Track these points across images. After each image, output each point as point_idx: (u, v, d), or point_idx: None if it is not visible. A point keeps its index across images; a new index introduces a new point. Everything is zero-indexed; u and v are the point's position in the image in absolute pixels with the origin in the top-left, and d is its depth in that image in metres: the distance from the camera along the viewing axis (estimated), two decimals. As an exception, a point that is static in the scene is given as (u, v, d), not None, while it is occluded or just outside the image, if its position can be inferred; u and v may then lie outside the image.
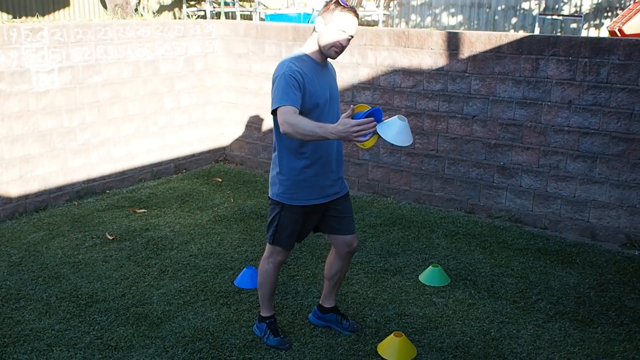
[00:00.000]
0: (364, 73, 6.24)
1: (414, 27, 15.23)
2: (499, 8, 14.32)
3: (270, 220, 3.46)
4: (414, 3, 15.40)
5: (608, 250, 5.08)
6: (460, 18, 14.86)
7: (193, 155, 7.28)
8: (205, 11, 14.48)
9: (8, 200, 5.59)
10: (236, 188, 6.57)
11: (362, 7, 15.07)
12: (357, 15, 3.20)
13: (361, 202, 6.14)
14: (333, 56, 3.24)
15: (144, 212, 5.78)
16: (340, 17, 3.13)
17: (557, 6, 13.72)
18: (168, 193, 6.34)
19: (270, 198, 3.46)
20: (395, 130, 2.99)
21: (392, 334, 3.59)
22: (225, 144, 7.63)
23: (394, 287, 4.39)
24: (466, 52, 5.62)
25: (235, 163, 7.58)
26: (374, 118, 2.99)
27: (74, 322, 3.87)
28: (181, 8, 15.09)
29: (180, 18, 15.08)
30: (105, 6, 13.11)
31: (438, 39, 5.74)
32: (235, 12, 14.48)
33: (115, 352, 3.56)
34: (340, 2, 3.14)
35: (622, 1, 13.04)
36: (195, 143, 7.26)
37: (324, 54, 3.25)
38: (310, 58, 3.25)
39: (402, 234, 5.34)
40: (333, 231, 3.56)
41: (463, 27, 14.79)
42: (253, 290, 4.29)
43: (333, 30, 3.14)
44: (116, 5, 12.02)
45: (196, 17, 13.96)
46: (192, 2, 15.76)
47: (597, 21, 13.45)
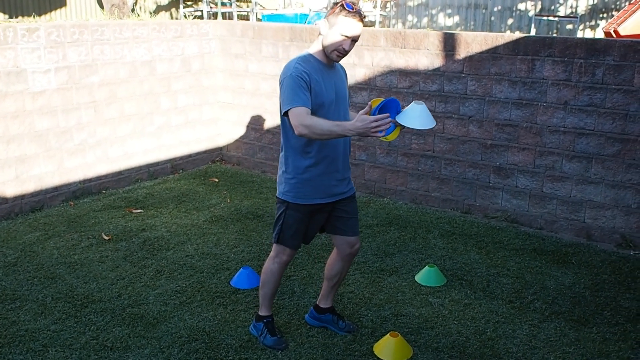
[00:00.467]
0: (361, 73, 6.24)
1: (411, 28, 15.25)
2: (495, 9, 14.36)
3: (276, 219, 3.48)
4: (411, 4, 15.43)
5: (603, 250, 5.10)
6: (456, 19, 14.88)
7: (190, 155, 7.28)
8: (202, 11, 14.47)
9: (4, 200, 5.58)
10: (233, 188, 6.57)
11: (359, 8, 15.09)
12: (363, 19, 3.20)
13: (358, 203, 6.12)
14: (335, 59, 3.27)
15: (141, 213, 5.77)
16: (343, 22, 3.14)
17: (553, 7, 13.76)
18: (164, 193, 6.34)
19: (277, 197, 3.48)
20: (416, 116, 3.03)
21: (388, 334, 3.60)
22: (221, 144, 7.63)
23: (390, 287, 4.39)
24: (462, 53, 5.63)
25: (231, 163, 7.57)
26: (393, 108, 3.03)
27: (70, 323, 3.87)
28: (178, 8, 15.09)
29: (177, 18, 15.07)
30: (102, 6, 13.10)
31: (434, 40, 5.75)
32: (232, 13, 14.48)
33: (111, 353, 3.56)
34: (345, 7, 3.15)
35: (618, 2, 13.08)
36: (191, 143, 7.26)
37: (327, 55, 3.27)
38: (315, 59, 3.27)
39: (399, 234, 5.35)
40: (337, 232, 3.57)
41: (459, 28, 14.81)
42: (249, 290, 4.29)
43: (336, 34, 3.16)
44: (113, 5, 12.02)
45: (193, 18, 13.96)
46: (189, 2, 15.76)
47: (593, 22, 13.49)
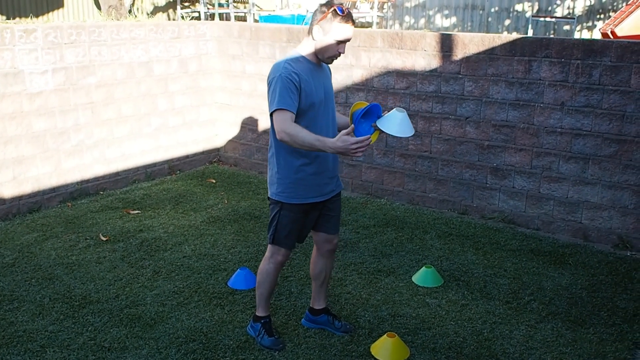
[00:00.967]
0: (358, 74, 6.25)
1: (408, 29, 15.26)
2: (493, 10, 14.38)
3: (270, 219, 3.49)
4: (408, 5, 15.44)
5: (600, 251, 5.11)
6: (453, 20, 14.90)
7: (187, 156, 7.28)
8: (199, 12, 14.47)
9: (1, 201, 5.58)
10: (230, 189, 6.57)
11: (356, 9, 15.10)
12: (354, 21, 3.23)
13: (355, 203, 6.15)
14: (329, 63, 3.33)
15: (138, 213, 5.77)
16: (339, 28, 3.17)
17: (550, 8, 13.78)
18: (162, 194, 6.34)
19: (269, 198, 3.48)
20: (396, 123, 3.08)
21: (386, 335, 3.60)
22: (219, 145, 7.63)
23: (388, 288, 4.40)
24: (459, 54, 5.64)
25: (229, 164, 7.58)
26: (375, 112, 3.09)
27: (68, 324, 3.87)
28: (175, 9, 15.08)
29: (174, 19, 15.07)
30: (99, 7, 13.09)
31: (431, 41, 5.76)
32: (229, 14, 14.48)
33: (108, 353, 3.56)
34: (337, 11, 3.16)
35: (615, 3, 13.11)
36: (189, 144, 7.26)
37: (320, 59, 3.30)
38: (305, 59, 3.28)
39: (396, 235, 5.36)
40: (320, 229, 3.61)
41: (456, 29, 14.83)
42: (246, 291, 4.30)
43: (330, 39, 3.19)
44: (110, 6, 12.01)
45: (190, 19, 13.95)
46: (186, 4, 15.75)
47: (590, 23, 13.52)
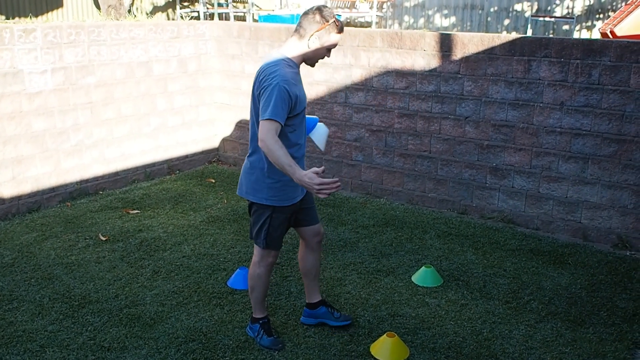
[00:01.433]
0: (357, 74, 6.25)
1: (407, 29, 15.27)
2: (492, 10, 14.38)
3: (259, 225, 3.46)
4: (407, 4, 15.44)
5: (600, 250, 5.11)
6: (453, 19, 14.90)
7: (186, 156, 7.28)
8: (198, 12, 14.46)
9: (1, 201, 5.58)
10: (229, 189, 6.57)
11: (356, 9, 15.10)
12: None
13: (354, 203, 6.15)
14: (313, 66, 3.49)
15: (137, 213, 5.77)
16: (334, 39, 3.34)
17: (550, 8, 13.78)
18: (161, 194, 6.34)
19: (255, 203, 3.45)
20: (323, 137, 3.65)
21: (385, 335, 3.60)
22: (218, 145, 7.63)
23: (387, 288, 4.40)
24: (459, 54, 5.64)
25: (228, 164, 7.58)
26: (312, 124, 3.62)
27: (67, 323, 3.86)
28: (174, 9, 15.08)
29: (173, 19, 15.06)
30: (98, 7, 13.08)
31: (431, 41, 5.76)
32: (228, 14, 14.48)
33: (108, 353, 3.56)
34: (336, 24, 3.30)
35: (614, 3, 13.11)
36: (188, 144, 7.26)
37: (306, 63, 3.42)
38: (294, 63, 3.35)
39: (395, 235, 5.36)
40: (303, 224, 3.65)
41: (456, 29, 14.83)
42: (246, 291, 4.29)
43: (324, 48, 3.35)
44: (109, 6, 12.00)
45: (189, 18, 13.94)
46: (186, 3, 15.74)
47: (589, 23, 13.52)
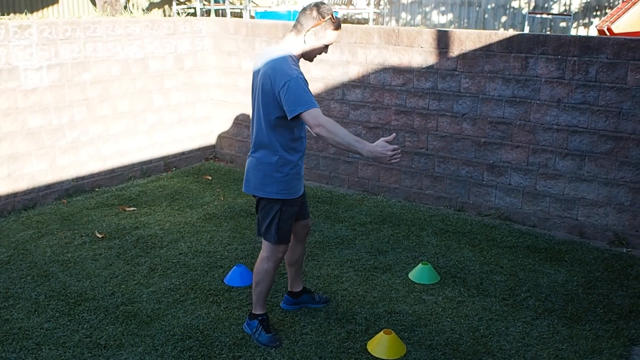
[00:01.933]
0: (354, 71, 6.24)
1: (404, 25, 15.26)
2: (489, 6, 14.37)
3: (269, 220, 3.48)
4: (404, 1, 15.43)
5: (596, 247, 5.12)
6: (450, 16, 14.90)
7: (183, 153, 7.26)
8: (195, 9, 14.43)
9: (-4, 198, 5.57)
10: (226, 186, 6.56)
11: (353, 5, 15.08)
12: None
13: (351, 200, 6.15)
14: (311, 61, 3.53)
15: (134, 210, 5.76)
16: (331, 35, 3.36)
17: (547, 5, 13.78)
18: (158, 191, 6.33)
19: (264, 199, 3.48)
20: None
21: (382, 332, 3.60)
22: (215, 142, 7.61)
23: (384, 285, 4.40)
24: (456, 51, 5.63)
25: (225, 161, 7.56)
26: None
27: (63, 321, 3.85)
28: (171, 5, 15.04)
29: (170, 15, 15.03)
30: (94, 3, 13.05)
31: (428, 37, 5.75)
32: (225, 10, 14.45)
33: (104, 351, 3.55)
34: (333, 20, 3.32)
35: (611, 0, 13.12)
36: (185, 141, 7.24)
37: (304, 58, 3.46)
38: (296, 59, 3.39)
39: (392, 232, 5.35)
40: (298, 218, 3.71)
41: (453, 26, 14.83)
42: (243, 288, 4.29)
43: (321, 44, 3.38)
44: (105, 2, 11.97)
45: (186, 15, 13.92)
46: (182, 0, 15.71)
47: (586, 20, 13.53)
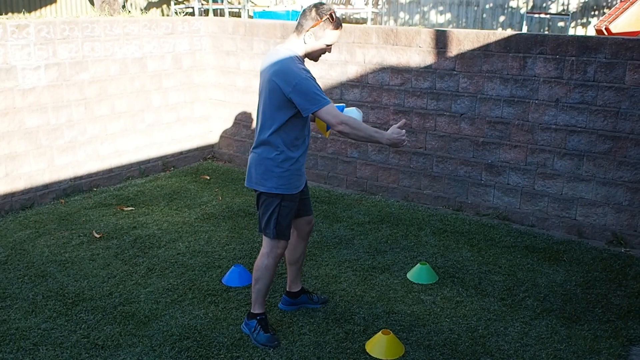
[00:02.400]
0: (353, 71, 6.24)
1: (403, 25, 15.26)
2: (487, 6, 14.38)
3: (268, 215, 3.51)
4: (403, 1, 15.43)
5: (595, 247, 5.12)
6: (448, 16, 14.90)
7: (181, 152, 7.25)
8: (193, 8, 14.42)
9: (-6, 198, 5.55)
10: (224, 186, 6.55)
11: (351, 5, 15.08)
12: (342, 25, 3.48)
13: (349, 200, 6.14)
14: (316, 61, 3.57)
15: (132, 210, 5.75)
16: (331, 35, 3.40)
17: (545, 5, 13.79)
18: (156, 191, 6.32)
19: (264, 193, 3.51)
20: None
21: (380, 332, 3.60)
22: (213, 142, 7.60)
23: (382, 285, 4.39)
24: (454, 50, 5.63)
25: (223, 161, 7.55)
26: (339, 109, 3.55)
27: (61, 321, 3.84)
28: (169, 5, 15.03)
29: (168, 15, 15.01)
30: (92, 3, 13.03)
31: (426, 37, 5.75)
32: (223, 10, 14.44)
33: (102, 351, 3.54)
34: (330, 20, 3.35)
35: (609, 0, 13.13)
36: (183, 140, 7.23)
37: (308, 58, 3.52)
38: (301, 59, 3.44)
39: (391, 232, 5.35)
40: (300, 214, 3.74)
41: (451, 25, 14.83)
42: (241, 288, 4.28)
43: (322, 45, 3.42)
44: (103, 2, 11.95)
45: (184, 14, 13.91)
46: (180, 0, 15.69)
47: (585, 20, 13.54)
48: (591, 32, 12.97)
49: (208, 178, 6.80)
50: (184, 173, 6.98)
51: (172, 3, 14.78)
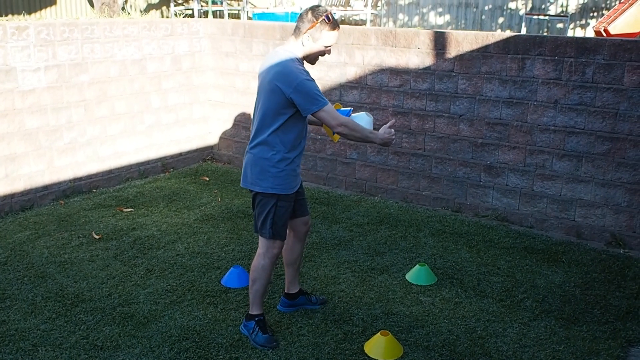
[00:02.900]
0: (352, 72, 6.24)
1: (402, 27, 15.26)
2: (486, 8, 14.39)
3: (264, 215, 3.52)
4: (402, 2, 15.44)
5: (593, 248, 5.12)
6: (447, 17, 14.91)
7: (180, 154, 7.26)
8: (192, 10, 14.43)
9: (-7, 199, 5.56)
10: (223, 187, 6.56)
11: (350, 6, 15.08)
12: (339, 26, 3.49)
13: (348, 201, 6.15)
14: (314, 64, 3.56)
15: (131, 211, 5.75)
16: (327, 36, 3.41)
17: (544, 6, 13.80)
18: (155, 192, 6.32)
19: (260, 194, 3.52)
20: (364, 123, 3.53)
21: (379, 333, 3.60)
22: (212, 143, 7.61)
23: (381, 286, 4.40)
24: (453, 52, 5.64)
25: (222, 162, 7.56)
26: (345, 113, 3.61)
27: (60, 322, 3.85)
28: (169, 6, 15.03)
29: (167, 17, 15.01)
30: (92, 4, 13.03)
31: (425, 39, 5.75)
32: (223, 11, 14.45)
33: (101, 352, 3.54)
34: (326, 21, 3.37)
35: (608, 1, 13.14)
36: (182, 142, 7.24)
37: (306, 60, 3.52)
38: (300, 61, 3.46)
39: (389, 233, 5.35)
40: (296, 215, 3.76)
41: (450, 27, 14.84)
42: (240, 289, 4.29)
43: (319, 46, 3.43)
44: (103, 3, 11.97)
45: (184, 16, 13.92)
46: (180, 1, 15.70)
47: (583, 21, 13.55)
48: (590, 34, 12.98)
49: (207, 179, 6.81)
50: (184, 174, 6.98)
51: (172, 5, 14.78)
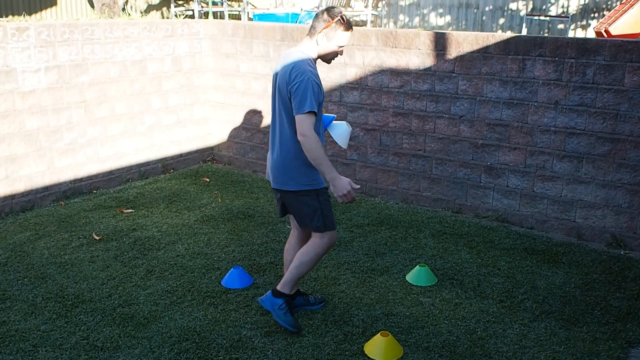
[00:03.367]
0: (352, 73, 6.24)
1: (402, 28, 15.27)
2: (487, 9, 14.40)
3: (311, 210, 3.58)
4: (402, 3, 15.45)
5: (594, 249, 5.12)
6: (448, 18, 14.92)
7: (181, 155, 7.26)
8: (193, 11, 14.44)
9: (-7, 200, 5.56)
10: (224, 188, 6.56)
11: (351, 7, 15.09)
12: (352, 27, 3.60)
13: (349, 202, 6.14)
14: (329, 63, 3.69)
15: (131, 212, 5.75)
16: (342, 36, 3.52)
17: (545, 7, 13.81)
18: (155, 193, 6.32)
19: (297, 191, 3.57)
20: (341, 133, 3.69)
21: (379, 334, 3.60)
22: (213, 144, 7.61)
23: (381, 287, 4.40)
24: (453, 53, 5.64)
25: (223, 163, 7.56)
26: (329, 120, 3.75)
27: (60, 323, 3.85)
28: (169, 7, 15.05)
29: (168, 17, 15.02)
30: (92, 5, 13.05)
31: (426, 40, 5.75)
32: (223, 12, 14.46)
33: (101, 353, 3.54)
34: (341, 22, 3.48)
35: (609, 2, 13.15)
36: (183, 143, 7.24)
37: (322, 60, 3.66)
38: (314, 63, 3.56)
39: (390, 234, 5.35)
40: None
41: (451, 28, 14.85)
42: (240, 290, 4.29)
43: (334, 46, 3.54)
44: (103, 4, 11.98)
45: (184, 17, 13.93)
46: (180, 2, 15.71)
47: (584, 22, 13.55)
48: (591, 35, 12.98)
49: (207, 180, 6.81)
50: (184, 175, 6.98)
51: (172, 5, 14.80)
